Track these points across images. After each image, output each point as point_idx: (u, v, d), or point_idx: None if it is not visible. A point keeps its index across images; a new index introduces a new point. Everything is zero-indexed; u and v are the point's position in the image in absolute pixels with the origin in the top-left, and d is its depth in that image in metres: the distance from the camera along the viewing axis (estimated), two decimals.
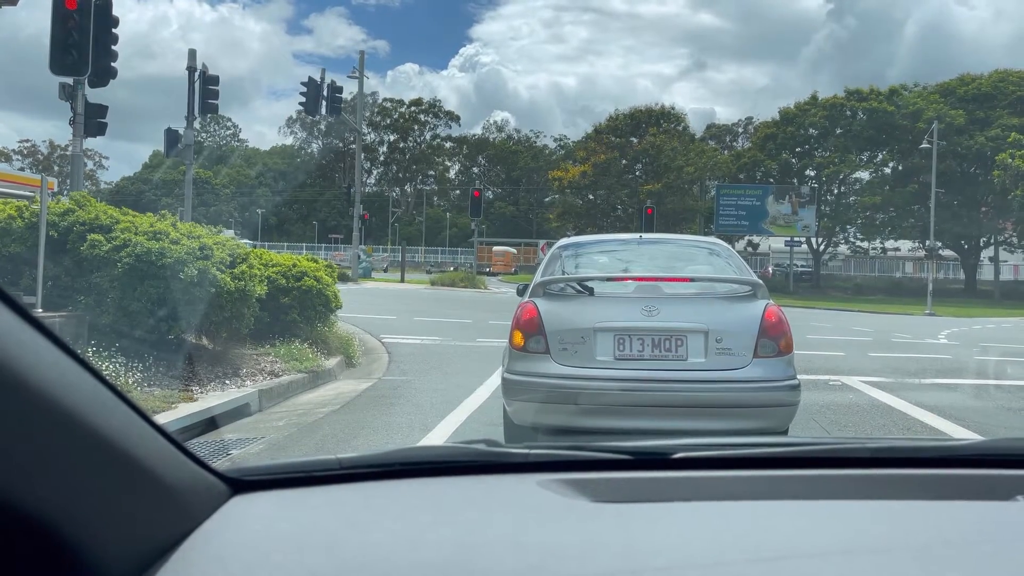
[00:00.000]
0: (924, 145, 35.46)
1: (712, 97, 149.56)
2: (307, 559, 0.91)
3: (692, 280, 5.29)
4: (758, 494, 1.13)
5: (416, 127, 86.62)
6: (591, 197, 57.65)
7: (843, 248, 54.42)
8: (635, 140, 56.41)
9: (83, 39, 11.24)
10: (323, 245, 71.45)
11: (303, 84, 28.38)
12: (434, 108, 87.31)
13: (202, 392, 7.08)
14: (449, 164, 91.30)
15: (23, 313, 0.75)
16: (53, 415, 0.74)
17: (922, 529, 1.01)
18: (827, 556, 0.91)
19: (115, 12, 12.05)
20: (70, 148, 13.02)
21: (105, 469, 0.82)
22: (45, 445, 0.74)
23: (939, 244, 42.75)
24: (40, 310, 7.31)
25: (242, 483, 1.12)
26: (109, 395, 0.84)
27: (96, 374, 0.84)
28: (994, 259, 47.88)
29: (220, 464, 1.11)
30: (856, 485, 1.18)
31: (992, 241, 47.64)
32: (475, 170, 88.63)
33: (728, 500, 1.11)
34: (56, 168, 72.46)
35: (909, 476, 1.21)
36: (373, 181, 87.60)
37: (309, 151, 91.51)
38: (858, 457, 1.26)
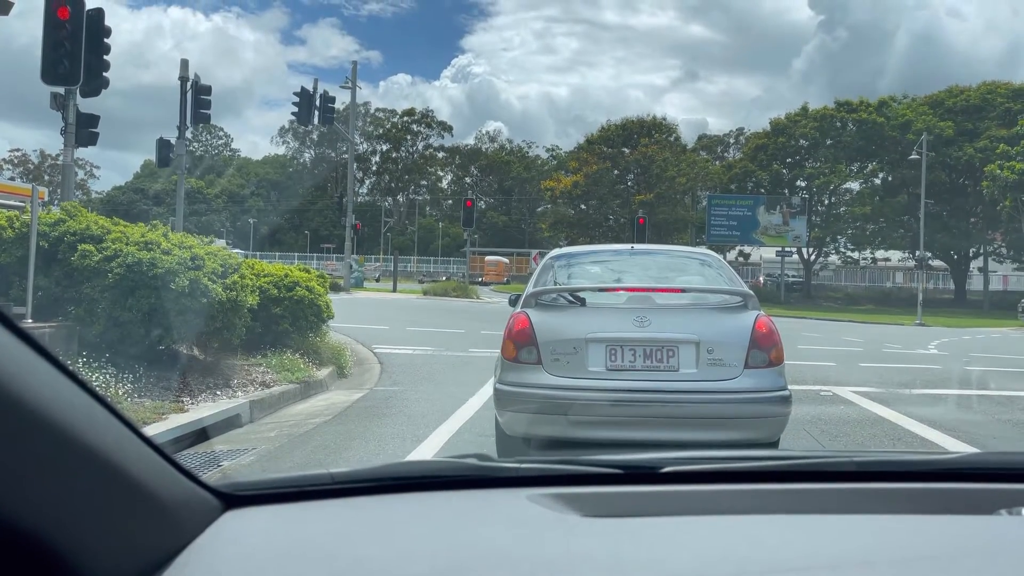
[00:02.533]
0: (913, 156, 35.71)
1: (703, 108, 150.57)
2: (300, 574, 0.91)
3: (684, 291, 5.31)
4: (745, 508, 1.14)
5: (408, 137, 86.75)
6: (583, 207, 57.80)
7: (834, 258, 54.70)
8: (627, 151, 56.61)
9: (75, 49, 11.23)
10: (315, 255, 71.34)
11: (296, 94, 28.41)
12: (426, 118, 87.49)
13: (193, 403, 7.05)
14: (441, 174, 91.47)
15: (17, 330, 0.75)
16: (47, 431, 0.75)
17: (906, 543, 1.02)
18: (812, 570, 0.92)
19: (108, 22, 12.07)
20: (61, 158, 13.00)
21: (98, 485, 0.82)
22: (38, 461, 0.75)
23: (929, 255, 42.99)
24: (30, 320, 7.28)
25: (234, 498, 1.12)
26: (102, 411, 0.85)
27: (89, 390, 0.84)
28: (983, 270, 48.18)
29: (211, 476, 1.12)
30: (842, 499, 1.19)
31: (981, 252, 47.94)
32: (467, 180, 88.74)
33: (716, 514, 1.12)
34: (47, 178, 72.26)
35: (894, 490, 1.23)
36: (365, 191, 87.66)
37: (301, 161, 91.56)
38: (844, 471, 1.28)
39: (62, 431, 0.76)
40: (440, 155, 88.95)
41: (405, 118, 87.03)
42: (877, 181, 50.05)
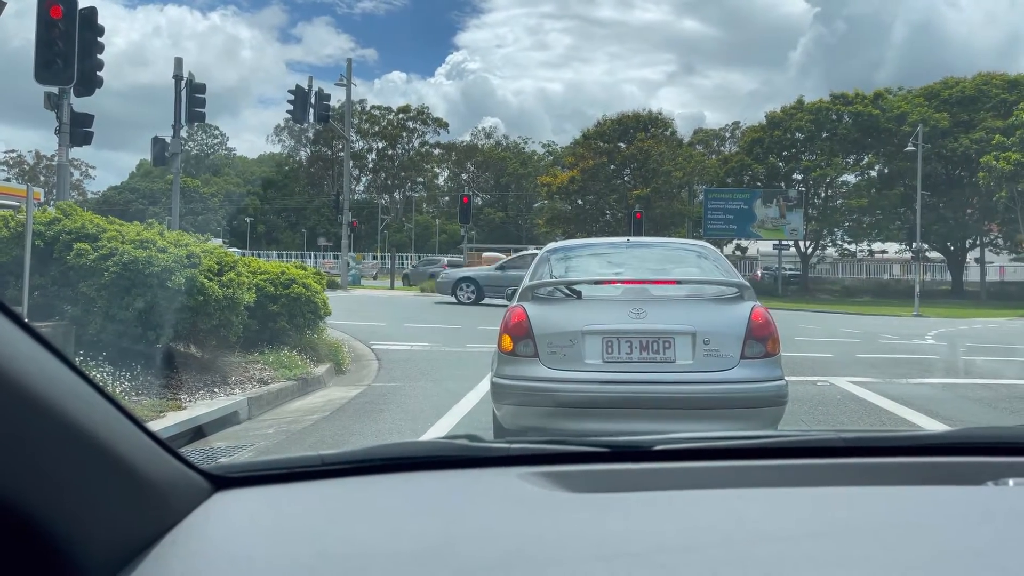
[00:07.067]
0: (909, 148, 35.71)
1: (699, 102, 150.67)
2: (288, 551, 0.92)
3: (679, 283, 5.33)
4: (733, 483, 1.15)
5: (404, 134, 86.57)
6: (580, 202, 57.75)
7: (831, 251, 54.68)
8: (623, 145, 56.57)
9: (68, 48, 11.19)
10: (312, 253, 71.24)
11: (291, 92, 28.30)
12: (422, 115, 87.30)
13: (191, 400, 7.05)
14: (438, 171, 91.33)
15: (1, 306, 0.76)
16: (33, 409, 0.75)
17: (890, 512, 1.03)
18: (795, 539, 0.93)
19: (103, 21, 12.04)
20: (56, 158, 12.95)
21: (86, 464, 0.83)
22: (25, 439, 0.75)
23: (925, 246, 43.06)
24: (26, 320, 7.27)
25: (225, 480, 1.13)
26: (88, 390, 0.86)
27: (76, 369, 0.85)
28: (980, 260, 48.23)
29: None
30: (828, 473, 1.20)
31: (978, 243, 47.99)
32: (464, 176, 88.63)
33: (703, 489, 1.13)
34: (42, 179, 72.10)
35: (881, 464, 1.24)
36: (362, 188, 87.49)
37: (297, 159, 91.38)
38: (832, 447, 1.29)
39: (48, 408, 0.77)
40: (436, 152, 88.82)
41: (401, 115, 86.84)
42: (873, 173, 50.03)
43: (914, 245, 37.78)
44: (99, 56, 12.02)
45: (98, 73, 12.04)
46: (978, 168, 41.30)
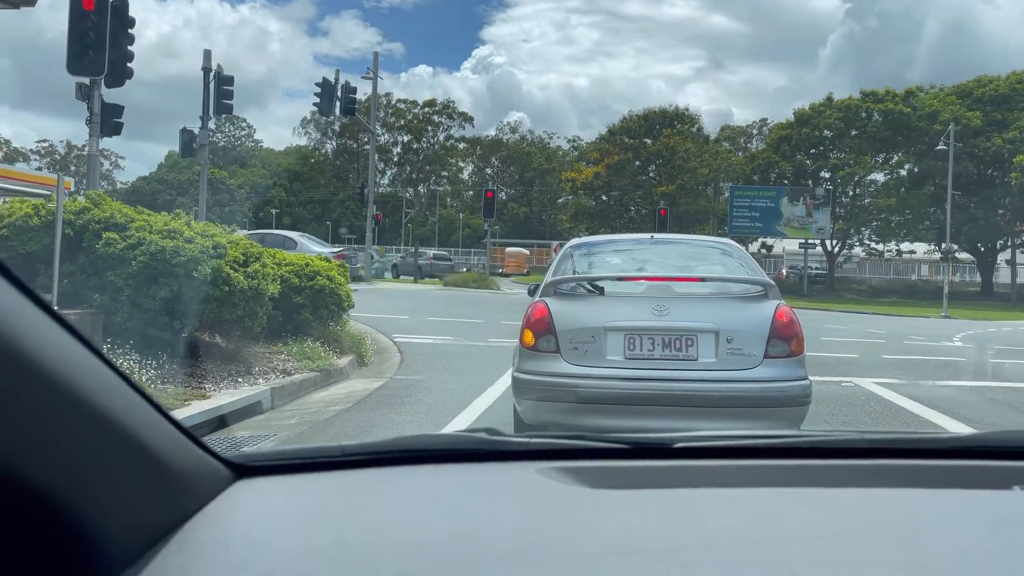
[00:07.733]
0: (940, 147, 35.17)
1: (727, 98, 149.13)
2: (308, 539, 0.93)
3: (703, 280, 5.29)
4: (754, 482, 1.14)
5: (430, 128, 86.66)
6: (604, 198, 57.58)
7: (858, 250, 54.06)
8: (649, 141, 56.29)
9: (99, 39, 11.35)
10: (337, 246, 71.63)
11: (318, 85, 28.43)
12: (447, 109, 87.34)
13: (215, 390, 7.13)
14: (462, 165, 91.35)
15: (27, 292, 0.77)
16: (60, 396, 0.76)
17: (913, 515, 1.01)
18: (815, 540, 0.92)
19: (134, 13, 12.18)
20: (87, 148, 13.14)
21: (109, 449, 0.84)
22: (52, 425, 0.76)
23: (955, 247, 42.37)
24: (56, 308, 7.37)
25: (246, 468, 1.14)
26: (114, 377, 0.87)
27: (102, 357, 0.86)
28: (1011, 262, 47.44)
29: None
30: (850, 475, 1.19)
31: (1009, 244, 47.21)
32: (488, 171, 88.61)
33: (724, 488, 1.12)
34: (73, 168, 73.19)
35: (905, 466, 1.22)
36: (386, 182, 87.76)
37: (323, 152, 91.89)
38: (855, 448, 1.27)
39: (74, 396, 0.78)
40: (461, 146, 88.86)
41: (426, 109, 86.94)
42: (903, 172, 49.34)
43: (943, 245, 37.21)
44: (130, 48, 12.16)
45: (128, 64, 12.19)
46: (1011, 168, 40.63)
